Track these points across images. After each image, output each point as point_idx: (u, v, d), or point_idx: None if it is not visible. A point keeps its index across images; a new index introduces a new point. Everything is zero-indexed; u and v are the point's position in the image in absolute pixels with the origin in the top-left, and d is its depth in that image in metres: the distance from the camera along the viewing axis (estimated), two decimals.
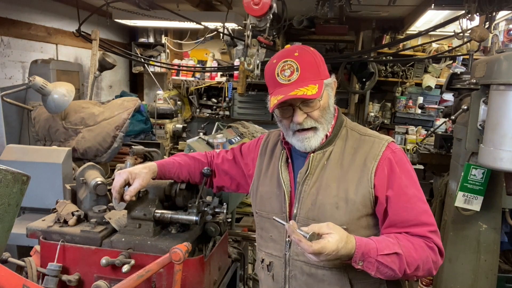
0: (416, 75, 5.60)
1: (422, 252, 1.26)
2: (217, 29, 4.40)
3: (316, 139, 1.36)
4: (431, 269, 1.28)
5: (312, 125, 1.35)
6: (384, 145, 1.36)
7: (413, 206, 1.30)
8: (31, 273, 1.58)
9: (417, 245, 1.26)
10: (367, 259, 1.20)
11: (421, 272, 1.26)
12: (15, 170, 0.96)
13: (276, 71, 1.34)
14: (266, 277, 1.50)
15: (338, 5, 3.29)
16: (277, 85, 1.33)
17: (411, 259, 1.23)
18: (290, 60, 1.33)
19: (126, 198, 1.52)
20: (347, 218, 1.31)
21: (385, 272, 1.22)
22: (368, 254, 1.20)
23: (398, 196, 1.30)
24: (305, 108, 1.33)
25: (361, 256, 1.20)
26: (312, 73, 1.33)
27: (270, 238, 1.47)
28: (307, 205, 1.35)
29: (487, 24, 3.24)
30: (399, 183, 1.31)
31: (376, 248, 1.21)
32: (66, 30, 4.57)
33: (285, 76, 1.32)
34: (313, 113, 1.34)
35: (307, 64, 1.33)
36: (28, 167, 2.24)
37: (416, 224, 1.29)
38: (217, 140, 2.47)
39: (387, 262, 1.21)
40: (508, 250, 2.69)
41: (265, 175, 1.52)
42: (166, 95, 5.59)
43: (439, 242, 1.30)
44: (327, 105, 1.37)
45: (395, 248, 1.22)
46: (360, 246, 1.20)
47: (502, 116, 1.85)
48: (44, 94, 2.82)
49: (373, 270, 1.20)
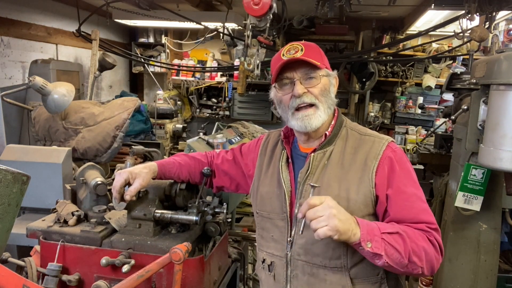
0: (416, 75, 5.60)
1: (423, 241, 1.24)
2: (217, 29, 4.40)
3: (316, 118, 1.36)
4: (433, 264, 1.26)
5: (312, 101, 1.36)
6: (385, 145, 1.36)
7: (412, 205, 1.30)
8: (31, 273, 1.58)
9: (418, 234, 1.25)
10: (374, 238, 1.18)
11: (425, 263, 1.24)
12: (15, 170, 0.96)
13: (281, 52, 1.38)
14: (267, 277, 1.49)
15: (338, 5, 3.28)
16: (280, 62, 1.36)
17: (413, 244, 1.22)
18: (296, 43, 1.39)
19: (126, 198, 1.52)
20: None
21: (392, 254, 1.19)
22: (373, 232, 1.19)
23: (397, 194, 1.30)
24: (306, 83, 1.36)
25: (367, 234, 1.18)
26: (316, 56, 1.37)
27: (271, 238, 1.46)
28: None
29: (487, 24, 3.24)
30: (398, 182, 1.31)
31: (378, 227, 1.21)
32: (66, 30, 4.57)
33: (290, 54, 1.35)
34: (313, 89, 1.36)
35: (312, 48, 1.38)
36: (28, 167, 2.24)
37: (416, 222, 1.29)
38: (217, 140, 2.47)
39: (391, 242, 1.19)
40: (508, 250, 2.69)
41: (265, 175, 1.52)
42: (166, 95, 5.59)
43: (439, 239, 1.29)
44: (328, 89, 1.39)
45: (397, 229, 1.22)
46: (362, 224, 1.20)
47: (502, 116, 1.85)
48: (44, 94, 2.81)
49: (382, 250, 1.18)
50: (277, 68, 1.35)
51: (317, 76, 1.36)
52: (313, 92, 1.36)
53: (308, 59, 1.33)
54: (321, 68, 1.37)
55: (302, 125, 1.37)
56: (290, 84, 1.37)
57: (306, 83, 1.36)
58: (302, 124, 1.36)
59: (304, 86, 1.35)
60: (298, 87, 1.34)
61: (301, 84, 1.35)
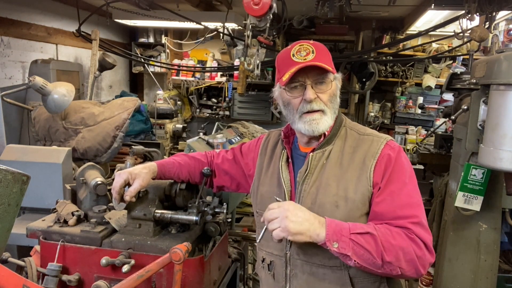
0: (416, 75, 5.60)
1: (401, 240, 1.21)
2: (217, 29, 4.40)
3: (323, 123, 1.36)
4: (415, 263, 1.21)
5: (321, 107, 1.36)
6: (383, 143, 1.37)
7: (393, 199, 1.28)
8: (31, 273, 1.59)
9: (395, 232, 1.23)
10: (341, 238, 1.18)
11: (404, 263, 1.20)
12: (15, 170, 0.96)
13: (291, 52, 1.36)
14: (267, 277, 1.50)
15: (338, 5, 3.29)
16: (291, 64, 1.34)
17: (387, 244, 1.19)
18: (306, 44, 1.37)
19: (126, 198, 1.52)
20: (347, 217, 1.30)
21: (362, 254, 1.18)
22: (341, 232, 1.19)
23: (382, 189, 1.30)
24: (316, 88, 1.35)
25: (333, 235, 1.19)
26: (326, 59, 1.36)
27: (271, 238, 1.47)
28: (307, 204, 1.35)
29: (487, 24, 3.24)
30: (387, 178, 1.31)
31: (348, 227, 1.21)
32: (66, 30, 4.57)
33: (301, 56, 1.34)
34: (322, 96, 1.36)
35: (322, 50, 1.37)
36: (28, 167, 2.25)
37: (394, 218, 1.26)
38: (217, 140, 2.47)
39: (361, 242, 1.19)
40: (508, 250, 2.69)
41: (265, 174, 1.52)
42: (166, 95, 5.59)
43: (422, 235, 1.24)
44: (336, 94, 1.40)
45: (369, 229, 1.21)
46: (330, 223, 1.21)
47: (502, 116, 1.85)
48: (44, 94, 2.81)
49: (349, 250, 1.18)
50: (289, 72, 1.32)
51: (328, 81, 1.36)
52: (323, 98, 1.36)
53: (323, 65, 1.31)
54: (333, 73, 1.36)
55: (309, 129, 1.37)
56: (300, 87, 1.36)
57: (317, 87, 1.35)
58: (309, 128, 1.36)
59: (315, 90, 1.35)
60: (310, 92, 1.33)
61: (312, 89, 1.35)
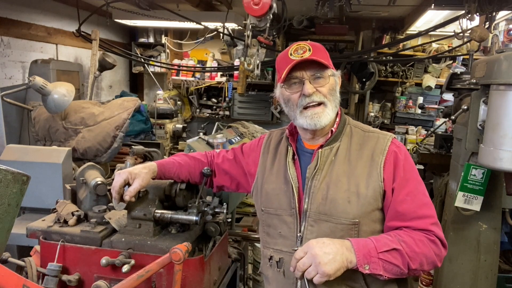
0: (416, 75, 5.60)
1: (423, 247, 1.29)
2: (217, 29, 4.40)
3: (325, 116, 1.38)
4: (435, 262, 1.31)
5: (321, 100, 1.38)
6: (389, 140, 1.41)
7: (413, 199, 1.33)
8: (31, 273, 1.58)
9: (418, 240, 1.29)
10: (371, 260, 1.23)
11: (426, 266, 1.30)
12: (15, 170, 0.96)
13: (289, 52, 1.40)
14: (276, 274, 1.49)
15: (338, 5, 3.29)
16: (289, 62, 1.37)
17: (412, 254, 1.26)
18: (303, 43, 1.41)
19: (126, 198, 1.52)
20: (359, 212, 1.33)
21: (391, 269, 1.25)
22: (369, 254, 1.24)
23: (399, 189, 1.34)
24: (314, 83, 1.38)
25: (363, 259, 1.23)
26: (323, 56, 1.39)
27: (279, 235, 1.47)
28: (318, 200, 1.37)
29: (487, 24, 3.24)
30: (401, 176, 1.35)
31: (374, 247, 1.25)
32: (66, 30, 4.57)
33: (298, 54, 1.37)
34: (322, 89, 1.38)
35: (319, 48, 1.40)
36: (28, 167, 2.25)
37: (416, 217, 1.32)
38: (217, 140, 2.47)
39: (389, 260, 1.24)
40: (508, 250, 2.69)
41: (270, 172, 1.52)
42: (166, 95, 5.59)
43: (440, 234, 1.33)
44: (335, 89, 1.42)
45: (393, 244, 1.26)
46: (358, 248, 1.24)
47: (502, 116, 1.85)
48: (44, 94, 2.82)
49: (380, 270, 1.24)
50: (287, 68, 1.36)
51: (325, 75, 1.39)
52: (322, 91, 1.38)
53: (318, 59, 1.35)
54: (329, 68, 1.39)
55: (311, 123, 1.38)
56: (299, 83, 1.39)
57: (315, 82, 1.38)
58: (311, 122, 1.38)
59: (313, 85, 1.38)
60: (308, 86, 1.36)
61: (310, 84, 1.37)
